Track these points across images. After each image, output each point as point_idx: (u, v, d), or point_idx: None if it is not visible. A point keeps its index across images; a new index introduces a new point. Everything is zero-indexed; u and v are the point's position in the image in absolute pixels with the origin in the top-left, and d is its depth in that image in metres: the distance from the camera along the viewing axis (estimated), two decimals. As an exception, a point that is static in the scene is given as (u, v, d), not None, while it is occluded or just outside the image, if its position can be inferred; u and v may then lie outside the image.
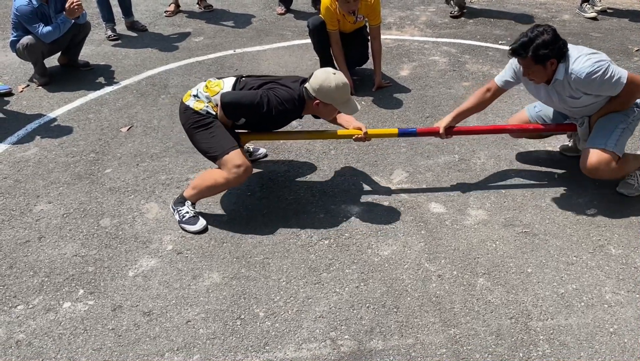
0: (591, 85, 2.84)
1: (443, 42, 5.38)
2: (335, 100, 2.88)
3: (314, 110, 2.98)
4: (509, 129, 3.40)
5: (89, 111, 4.21)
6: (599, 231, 2.95)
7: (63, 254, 2.85)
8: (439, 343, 2.36)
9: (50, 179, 3.42)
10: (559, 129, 3.33)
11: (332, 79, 2.83)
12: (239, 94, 2.89)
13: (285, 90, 2.90)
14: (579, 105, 3.00)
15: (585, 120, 3.11)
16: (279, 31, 5.68)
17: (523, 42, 2.82)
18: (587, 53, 2.86)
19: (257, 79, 3.03)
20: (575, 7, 6.23)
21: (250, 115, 2.92)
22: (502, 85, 3.15)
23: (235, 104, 2.86)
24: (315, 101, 2.88)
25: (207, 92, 2.97)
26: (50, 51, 4.61)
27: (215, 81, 3.03)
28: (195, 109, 2.95)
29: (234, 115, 2.92)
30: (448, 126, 3.22)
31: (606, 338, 2.36)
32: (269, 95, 2.85)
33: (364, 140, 3.16)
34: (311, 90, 2.87)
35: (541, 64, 2.83)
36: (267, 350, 2.33)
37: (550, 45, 2.78)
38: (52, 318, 2.48)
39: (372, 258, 2.81)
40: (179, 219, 3.00)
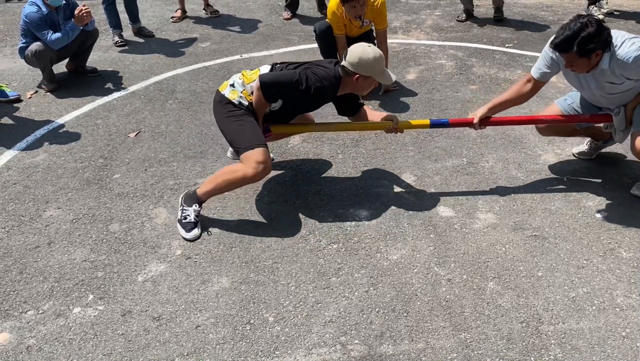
0: (637, 69, 2.78)
1: (449, 45, 5.38)
2: (374, 71, 2.95)
3: (353, 86, 3.02)
4: (543, 120, 3.31)
5: (97, 117, 4.23)
6: (610, 234, 2.94)
7: (72, 259, 2.86)
8: (450, 347, 2.34)
9: (59, 185, 3.43)
10: (594, 119, 3.21)
11: (369, 51, 2.92)
12: (276, 73, 2.96)
13: (323, 69, 2.96)
14: (618, 91, 2.93)
15: (622, 109, 3.03)
16: (285, 36, 5.70)
17: (567, 36, 2.69)
18: (630, 37, 2.79)
19: (291, 64, 3.08)
20: (582, 9, 6.21)
21: (289, 93, 2.96)
22: (539, 77, 3.07)
23: (273, 83, 2.90)
24: (355, 75, 2.94)
25: (242, 79, 3.04)
26: (59, 58, 4.65)
27: (251, 70, 3.10)
28: (229, 98, 3.02)
29: (273, 95, 2.95)
30: (483, 117, 3.16)
31: (618, 342, 2.34)
32: (307, 73, 2.91)
33: (396, 132, 3.20)
34: (349, 65, 2.93)
35: (586, 56, 2.73)
36: (277, 355, 2.32)
37: (596, 38, 2.67)
38: (62, 324, 2.49)
39: (381, 262, 2.80)
40: (179, 217, 3.01)
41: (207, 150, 3.74)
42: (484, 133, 3.79)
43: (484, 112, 3.17)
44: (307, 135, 3.88)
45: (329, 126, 3.44)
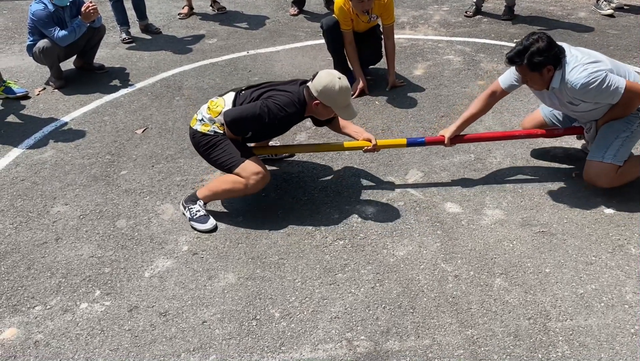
0: (587, 95, 2.84)
1: (457, 41, 5.35)
2: (336, 103, 2.88)
3: (312, 110, 2.97)
4: (516, 135, 3.36)
5: (104, 113, 4.24)
6: (619, 230, 2.91)
7: (80, 255, 2.87)
8: (456, 343, 2.33)
9: (67, 181, 3.45)
10: (567, 133, 3.32)
11: (336, 82, 2.83)
12: (239, 109, 2.91)
13: (284, 95, 2.91)
14: (580, 110, 3.00)
15: (593, 125, 3.10)
16: (292, 32, 5.69)
17: (518, 50, 2.85)
18: (585, 62, 2.83)
19: (255, 90, 3.02)
20: (592, 4, 6.15)
21: (255, 127, 2.94)
22: (506, 88, 3.15)
23: (238, 120, 2.89)
24: (315, 101, 2.89)
25: (209, 114, 3.00)
26: (66, 55, 4.66)
27: (216, 100, 3.05)
28: (202, 132, 3.00)
29: (240, 130, 2.95)
30: (453, 136, 3.22)
31: (627, 339, 2.32)
32: (267, 104, 2.86)
33: (374, 151, 3.19)
34: (313, 90, 2.87)
35: (537, 71, 2.85)
36: (283, 351, 2.32)
37: (545, 53, 2.80)
38: (69, 319, 2.50)
39: (387, 258, 2.79)
40: (190, 217, 3.01)
41: (214, 146, 3.74)
42: (490, 128, 3.76)
43: (453, 130, 3.23)
44: (313, 131, 3.87)
45: (306, 148, 3.46)
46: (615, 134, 3.00)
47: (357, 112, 3.03)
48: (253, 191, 2.96)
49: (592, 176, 3.04)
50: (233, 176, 2.94)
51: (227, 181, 2.96)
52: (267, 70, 4.83)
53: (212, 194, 3.02)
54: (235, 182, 2.92)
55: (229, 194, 3.01)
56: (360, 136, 3.17)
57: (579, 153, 3.54)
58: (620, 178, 3.03)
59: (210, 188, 3.03)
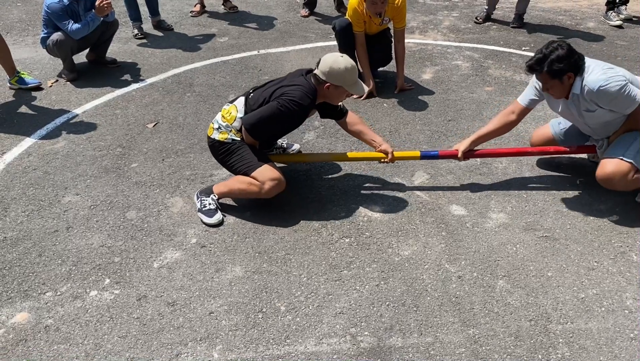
0: (603, 97, 2.85)
1: (466, 47, 5.40)
2: (345, 81, 2.95)
3: (324, 94, 3.02)
4: (529, 152, 3.39)
5: (115, 107, 4.30)
6: (621, 237, 2.95)
7: (90, 244, 2.92)
8: (458, 342, 2.38)
9: (78, 172, 3.50)
10: (580, 151, 3.33)
11: (341, 61, 2.93)
12: (257, 114, 2.94)
13: (296, 88, 2.95)
14: (596, 120, 3.01)
15: (605, 142, 3.12)
16: (303, 33, 5.74)
17: (538, 58, 2.88)
18: (605, 68, 2.87)
19: (264, 90, 3.06)
20: (601, 14, 6.20)
21: (275, 127, 3.02)
22: (527, 104, 3.17)
23: (258, 124, 2.94)
24: (326, 84, 2.95)
25: (225, 122, 3.05)
26: (79, 48, 4.72)
27: (228, 107, 3.10)
28: (220, 140, 3.05)
29: (262, 134, 3.01)
30: (467, 150, 3.25)
31: (626, 344, 2.36)
32: (283, 103, 2.91)
33: (390, 163, 3.25)
34: (321, 74, 2.94)
35: (557, 78, 2.87)
36: (288, 343, 2.37)
37: (565, 60, 2.82)
38: (79, 306, 2.55)
39: (392, 257, 2.83)
40: (199, 208, 3.07)
41: (223, 142, 3.79)
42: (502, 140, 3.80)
43: (467, 145, 3.25)
44: (321, 131, 3.92)
45: (325, 156, 3.48)
46: (634, 136, 2.99)
47: (366, 88, 3.12)
48: (267, 196, 3.00)
49: (608, 174, 2.96)
50: (250, 179, 2.99)
51: (243, 181, 3.01)
52: (277, 70, 4.88)
53: (227, 191, 3.08)
54: (251, 183, 2.97)
55: (243, 194, 3.07)
56: (378, 147, 3.21)
57: (584, 161, 3.58)
58: (635, 182, 2.98)
59: (227, 185, 3.09)
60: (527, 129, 3.90)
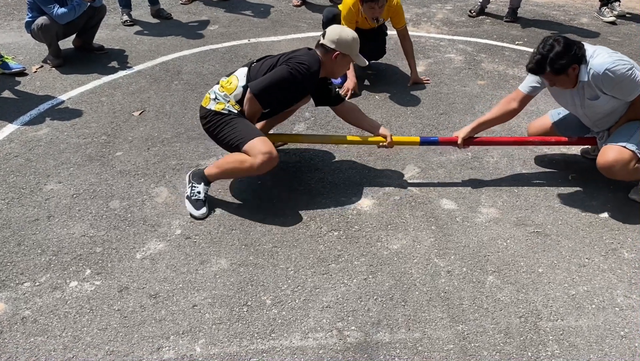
0: (609, 80, 2.79)
1: (459, 40, 5.34)
2: (352, 50, 2.99)
3: (331, 66, 3.00)
4: (530, 141, 3.34)
5: (101, 94, 4.20)
6: (612, 234, 2.92)
7: (71, 234, 2.84)
8: (447, 338, 2.33)
9: (61, 160, 3.41)
10: (581, 142, 3.29)
11: (347, 31, 3.01)
12: (266, 78, 2.87)
13: (303, 54, 2.95)
14: (598, 109, 2.96)
15: (605, 134, 3.08)
16: (294, 23, 5.66)
17: (537, 60, 2.82)
18: (610, 52, 2.83)
19: (268, 59, 3.01)
20: (594, 10, 6.17)
21: (284, 93, 2.93)
22: (528, 92, 3.11)
23: (267, 88, 2.85)
24: (335, 53, 2.95)
25: (223, 92, 2.96)
26: (65, 33, 4.61)
27: (227, 78, 3.02)
28: (216, 110, 2.94)
29: (270, 100, 2.92)
30: (467, 137, 3.20)
31: (616, 341, 2.33)
32: (293, 65, 2.86)
33: (388, 147, 3.19)
34: (330, 42, 2.95)
35: (563, 74, 2.82)
36: (273, 338, 2.31)
37: (565, 55, 2.77)
38: (58, 297, 2.48)
39: (381, 251, 2.78)
40: (188, 194, 2.98)
41: (211, 132, 3.71)
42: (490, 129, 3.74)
43: (467, 131, 3.20)
44: (312, 123, 3.86)
45: (325, 138, 3.40)
46: (637, 125, 2.95)
47: (367, 61, 3.15)
48: (260, 172, 2.87)
49: (610, 161, 2.90)
50: (241, 154, 2.86)
51: (235, 160, 2.88)
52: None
53: (219, 172, 2.95)
54: (243, 160, 2.84)
55: (236, 173, 2.95)
56: (377, 131, 3.16)
57: (577, 157, 3.55)
58: (636, 172, 2.93)
59: (218, 165, 2.95)
60: (520, 123, 3.85)
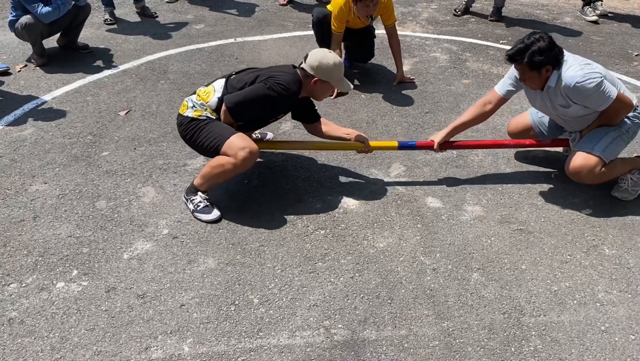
0: (578, 94, 2.86)
1: (444, 39, 5.38)
2: (332, 77, 2.94)
3: (310, 90, 2.99)
4: (505, 145, 3.39)
5: (87, 94, 4.18)
6: (594, 231, 2.97)
7: (58, 234, 2.83)
8: (432, 335, 2.37)
9: (47, 160, 3.40)
10: (554, 144, 3.34)
11: (330, 57, 2.93)
12: (242, 93, 2.86)
13: (284, 74, 2.91)
14: (569, 115, 3.02)
15: (578, 136, 3.14)
16: (281, 22, 5.67)
17: (519, 48, 2.86)
18: (582, 63, 2.88)
19: (248, 74, 3.00)
20: (577, 9, 6.25)
21: (258, 109, 2.92)
22: (504, 94, 3.16)
23: (242, 103, 2.84)
24: (314, 79, 2.92)
25: (199, 100, 2.96)
26: (50, 32, 4.58)
27: (205, 88, 3.02)
28: (194, 117, 2.93)
29: (243, 115, 2.91)
30: (442, 142, 3.24)
31: (597, 336, 2.38)
32: (271, 85, 2.84)
33: (367, 152, 3.22)
34: (309, 68, 2.91)
35: (536, 70, 2.87)
36: (261, 336, 2.33)
37: (546, 53, 2.82)
38: (45, 298, 2.47)
39: (367, 249, 2.81)
40: (193, 209, 2.96)
41: (198, 132, 3.71)
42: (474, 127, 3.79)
43: (442, 136, 3.25)
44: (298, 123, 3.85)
45: (303, 145, 3.38)
46: (605, 131, 3.02)
47: (351, 86, 3.10)
48: (244, 168, 2.86)
49: (577, 167, 2.99)
50: (221, 157, 2.86)
51: (216, 165, 2.88)
52: (254, 58, 4.81)
53: (206, 181, 2.94)
54: (224, 163, 2.84)
55: (222, 176, 2.92)
56: (352, 137, 3.17)
57: (560, 155, 3.60)
58: (602, 176, 3.02)
59: (203, 175, 2.94)
60: (504, 122, 3.90)
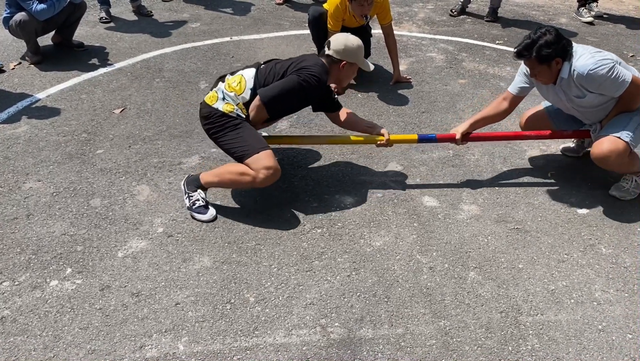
0: (592, 82, 2.84)
1: (440, 39, 5.38)
2: (358, 58, 3.01)
3: (337, 74, 3.02)
4: (525, 136, 3.36)
5: (82, 92, 4.15)
6: (590, 230, 2.97)
7: (51, 232, 2.80)
8: (429, 334, 2.35)
9: (41, 158, 3.37)
10: (575, 135, 3.31)
11: (352, 39, 2.99)
12: (276, 87, 2.84)
13: (314, 64, 2.92)
14: (586, 105, 2.99)
15: (598, 126, 3.10)
16: (277, 21, 5.65)
17: (526, 43, 2.86)
18: (593, 51, 2.87)
19: (277, 66, 2.97)
20: (573, 10, 6.26)
21: (293, 102, 2.95)
22: (517, 93, 3.16)
23: (277, 98, 2.83)
24: (342, 62, 2.97)
25: (232, 92, 2.89)
26: (44, 30, 4.54)
27: (233, 77, 2.96)
28: (224, 111, 2.86)
29: (278, 109, 2.91)
30: (465, 133, 3.22)
31: (594, 335, 2.37)
32: (305, 77, 2.85)
33: (387, 146, 3.19)
34: (335, 53, 2.95)
35: (546, 63, 2.85)
36: (257, 335, 2.31)
37: (553, 45, 2.81)
38: (38, 296, 2.44)
39: (364, 248, 2.80)
40: (189, 206, 2.93)
41: (193, 130, 3.69)
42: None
43: (465, 127, 3.24)
44: (295, 120, 3.86)
45: (323, 139, 3.37)
46: (629, 117, 2.97)
47: (372, 66, 3.15)
48: (260, 186, 2.82)
49: (605, 152, 2.90)
50: (242, 166, 2.79)
51: (235, 171, 2.81)
52: (250, 57, 4.79)
53: (216, 182, 2.89)
54: (244, 173, 2.77)
55: (234, 185, 2.89)
56: (374, 131, 3.17)
57: (556, 154, 3.61)
58: (628, 164, 2.97)
59: (217, 174, 2.88)
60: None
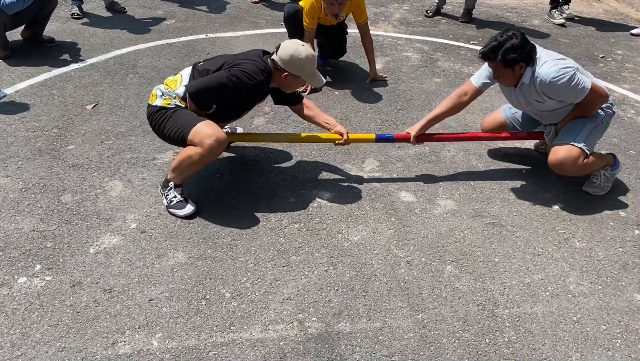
0: (554, 90, 2.89)
1: (416, 39, 5.41)
2: (304, 71, 2.84)
3: (280, 82, 2.90)
4: (481, 137, 3.41)
5: (52, 87, 4.05)
6: (564, 225, 3.00)
7: (20, 228, 2.72)
8: (407, 327, 2.34)
9: (9, 153, 3.27)
10: (529, 137, 3.37)
11: (302, 50, 2.80)
12: (203, 80, 2.77)
13: (251, 63, 2.79)
14: (544, 109, 3.05)
15: (552, 129, 3.16)
16: (253, 19, 5.61)
17: (493, 46, 2.87)
18: (555, 59, 2.90)
19: (215, 61, 2.90)
20: (545, 12, 6.37)
21: (222, 97, 2.80)
22: (480, 86, 3.17)
23: (203, 90, 2.74)
24: (284, 73, 2.82)
25: (168, 89, 2.87)
26: (13, 24, 4.42)
27: (172, 77, 2.94)
28: (163, 105, 2.83)
29: (205, 102, 2.81)
30: (418, 134, 3.24)
31: (569, 327, 2.39)
32: (235, 73, 2.73)
33: (344, 144, 3.16)
34: (280, 61, 2.80)
35: (510, 67, 2.88)
36: (233, 330, 2.27)
37: (519, 50, 2.83)
38: (5, 293, 2.36)
39: (342, 242, 2.78)
40: (167, 204, 2.87)
41: (168, 126, 3.63)
42: (445, 124, 3.79)
43: (418, 128, 3.24)
44: (272, 116, 3.83)
45: (280, 137, 3.35)
46: (582, 123, 3.03)
47: (324, 80, 3.00)
48: (212, 157, 2.76)
49: (560, 159, 2.98)
50: (188, 148, 2.77)
51: (184, 156, 2.77)
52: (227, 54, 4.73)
53: (177, 174, 2.84)
54: (192, 153, 2.73)
55: (192, 167, 2.81)
56: (332, 128, 3.14)
57: (530, 151, 3.65)
58: (585, 168, 3.03)
59: (173, 168, 2.85)
60: (475, 119, 3.93)
